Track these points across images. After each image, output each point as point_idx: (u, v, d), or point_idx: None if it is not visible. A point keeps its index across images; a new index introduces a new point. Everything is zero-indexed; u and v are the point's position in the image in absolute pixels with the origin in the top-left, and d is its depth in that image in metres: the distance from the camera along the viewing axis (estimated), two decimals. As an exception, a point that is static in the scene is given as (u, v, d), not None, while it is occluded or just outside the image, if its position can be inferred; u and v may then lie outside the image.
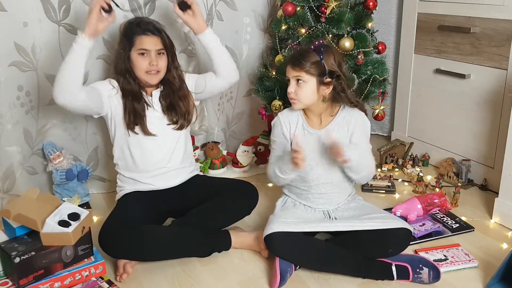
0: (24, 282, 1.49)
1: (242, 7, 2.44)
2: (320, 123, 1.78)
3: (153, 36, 1.78)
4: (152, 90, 1.89)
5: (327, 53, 1.67)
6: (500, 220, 2.02)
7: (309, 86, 1.68)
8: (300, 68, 1.66)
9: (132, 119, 1.81)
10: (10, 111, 2.00)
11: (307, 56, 1.67)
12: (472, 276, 1.67)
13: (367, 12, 2.19)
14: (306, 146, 1.66)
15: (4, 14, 1.88)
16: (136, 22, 1.80)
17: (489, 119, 2.28)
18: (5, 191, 2.07)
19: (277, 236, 1.62)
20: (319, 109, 1.75)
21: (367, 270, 1.62)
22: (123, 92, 1.82)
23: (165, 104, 1.88)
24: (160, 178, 1.90)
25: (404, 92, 2.74)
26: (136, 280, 1.67)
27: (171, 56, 1.87)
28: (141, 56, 1.78)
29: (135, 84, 1.83)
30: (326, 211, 1.81)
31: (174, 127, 1.89)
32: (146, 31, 1.77)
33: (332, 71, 1.68)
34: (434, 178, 2.44)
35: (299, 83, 1.68)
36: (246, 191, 1.94)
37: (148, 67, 1.79)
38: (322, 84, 1.68)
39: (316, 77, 1.67)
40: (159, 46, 1.80)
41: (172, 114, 1.89)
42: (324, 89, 1.69)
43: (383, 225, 1.63)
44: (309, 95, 1.69)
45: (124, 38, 1.80)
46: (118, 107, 1.82)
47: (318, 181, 1.78)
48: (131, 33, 1.78)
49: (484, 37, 2.23)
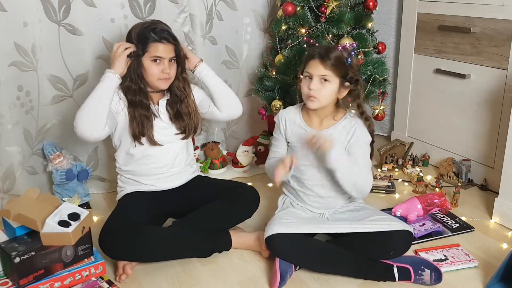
0: (24, 282, 1.49)
1: (242, 7, 2.44)
2: (320, 124, 1.77)
3: (168, 44, 1.74)
4: (159, 99, 1.86)
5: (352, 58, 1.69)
6: (500, 220, 2.02)
7: (332, 86, 1.67)
8: (329, 66, 1.65)
9: (140, 130, 1.78)
10: (10, 111, 1.99)
11: (335, 56, 1.66)
12: (472, 276, 1.67)
13: (367, 12, 2.19)
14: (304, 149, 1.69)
15: (4, 14, 1.88)
16: (151, 28, 1.73)
17: (489, 119, 2.28)
18: (5, 191, 2.07)
19: (278, 237, 1.62)
20: (325, 111, 1.75)
21: (368, 271, 1.62)
22: (129, 103, 1.78)
23: (172, 112, 1.86)
24: (163, 180, 1.90)
25: (404, 92, 2.74)
26: (136, 280, 1.67)
27: (182, 66, 1.84)
28: (154, 63, 1.74)
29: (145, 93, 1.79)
30: (322, 215, 1.80)
31: (182, 136, 1.88)
32: (162, 39, 1.72)
33: (353, 76, 1.69)
34: (434, 178, 2.44)
35: (324, 82, 1.67)
36: (248, 194, 1.93)
37: (160, 74, 1.75)
38: (342, 87, 1.69)
39: (340, 79, 1.67)
40: (172, 54, 1.76)
41: (179, 123, 1.87)
42: (342, 91, 1.70)
43: (384, 227, 1.62)
44: (330, 95, 1.69)
45: (138, 43, 1.73)
46: (124, 117, 1.79)
47: (312, 182, 1.78)
48: (145, 39, 1.73)
49: (484, 37, 2.23)
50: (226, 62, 2.52)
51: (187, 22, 2.25)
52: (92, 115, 1.65)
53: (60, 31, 2.02)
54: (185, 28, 2.25)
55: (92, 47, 2.09)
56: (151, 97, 1.85)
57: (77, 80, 2.12)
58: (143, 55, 1.74)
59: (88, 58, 2.10)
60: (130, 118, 1.78)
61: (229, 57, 2.51)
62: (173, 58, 1.78)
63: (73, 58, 2.08)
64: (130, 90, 1.77)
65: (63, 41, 2.03)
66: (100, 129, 1.66)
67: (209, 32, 2.38)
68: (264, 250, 1.75)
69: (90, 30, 2.05)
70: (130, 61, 1.74)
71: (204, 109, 1.94)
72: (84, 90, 2.12)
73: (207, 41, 2.39)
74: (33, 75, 2.03)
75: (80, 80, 2.12)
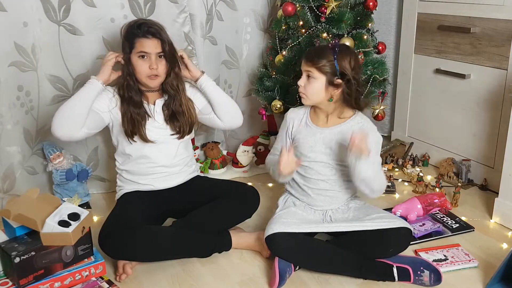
0: (24, 282, 1.49)
1: (242, 7, 2.44)
2: (326, 121, 1.77)
3: (153, 39, 1.75)
4: (156, 99, 1.86)
5: (342, 54, 1.66)
6: (500, 220, 2.02)
7: (317, 83, 1.67)
8: (312, 64, 1.66)
9: (131, 127, 1.79)
10: (10, 111, 1.99)
11: (322, 54, 1.66)
12: (472, 276, 1.67)
13: (367, 12, 2.19)
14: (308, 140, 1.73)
15: (4, 14, 1.88)
16: (136, 25, 1.76)
17: (489, 119, 2.28)
18: (5, 191, 2.07)
19: (278, 236, 1.62)
20: (327, 108, 1.75)
21: (368, 271, 1.62)
22: (122, 100, 1.80)
23: (167, 113, 1.86)
24: (160, 179, 1.90)
25: (404, 92, 2.74)
26: (136, 280, 1.67)
27: (171, 62, 1.81)
28: (141, 59, 1.75)
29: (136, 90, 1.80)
30: (325, 212, 1.81)
31: (177, 137, 1.88)
32: (147, 34, 1.74)
33: (344, 73, 1.66)
34: (434, 178, 2.44)
35: (309, 79, 1.69)
36: (248, 194, 1.93)
37: (148, 71, 1.75)
38: (332, 84, 1.67)
39: (326, 76, 1.67)
40: (159, 50, 1.76)
41: (174, 123, 1.87)
42: (333, 89, 1.68)
43: (383, 225, 1.63)
44: (316, 92, 1.69)
45: (125, 41, 1.77)
46: (118, 116, 1.81)
47: (317, 177, 1.78)
48: (131, 35, 1.75)
49: (484, 37, 2.23)
50: (226, 62, 2.52)
51: (187, 22, 2.25)
52: (66, 116, 1.70)
53: (60, 31, 2.02)
54: (185, 28, 2.25)
55: (92, 47, 2.09)
56: (147, 96, 1.86)
57: (77, 80, 2.11)
58: (130, 53, 1.76)
59: (88, 58, 2.10)
60: (121, 115, 1.80)
61: (229, 57, 2.51)
62: (160, 53, 1.77)
63: (73, 58, 2.08)
64: (122, 87, 1.80)
65: (63, 41, 2.03)
66: (73, 131, 1.72)
67: (209, 32, 2.38)
68: (264, 250, 1.75)
69: (90, 30, 2.05)
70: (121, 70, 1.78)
71: (205, 115, 1.94)
72: (84, 90, 2.13)
73: (207, 41, 2.39)
74: (33, 75, 2.03)
75: (80, 80, 2.11)
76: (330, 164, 1.75)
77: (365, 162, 1.59)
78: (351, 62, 1.68)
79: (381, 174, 1.73)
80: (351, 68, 1.68)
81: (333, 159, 1.75)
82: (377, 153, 1.74)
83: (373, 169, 1.65)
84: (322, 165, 1.76)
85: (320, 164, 1.76)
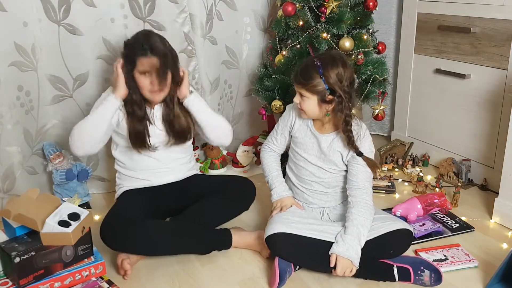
0: (24, 282, 1.49)
1: (242, 7, 2.44)
2: (323, 128, 1.76)
3: (153, 57, 1.70)
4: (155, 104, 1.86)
5: (328, 69, 1.59)
6: (500, 220, 2.02)
7: (311, 102, 1.65)
8: (302, 86, 1.64)
9: (136, 141, 1.80)
10: (10, 111, 1.99)
11: (308, 74, 1.61)
12: (472, 276, 1.67)
13: (367, 12, 2.19)
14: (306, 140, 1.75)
15: (4, 14, 1.88)
16: (136, 43, 1.73)
17: (489, 119, 2.28)
18: (5, 191, 2.07)
19: (278, 236, 1.62)
20: (323, 119, 1.73)
21: (369, 271, 1.62)
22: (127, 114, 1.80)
23: (165, 119, 1.85)
24: (157, 175, 1.91)
25: (404, 92, 2.74)
26: (136, 279, 1.67)
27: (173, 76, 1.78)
28: (143, 76, 1.74)
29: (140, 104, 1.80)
30: (322, 210, 1.81)
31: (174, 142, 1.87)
32: (146, 52, 1.70)
33: (334, 90, 1.61)
34: (434, 178, 2.44)
35: (303, 97, 1.66)
36: (243, 186, 1.95)
37: (150, 87, 1.75)
38: (324, 102, 1.63)
39: (318, 95, 1.62)
40: (158, 66, 1.72)
41: (172, 130, 1.85)
42: (327, 105, 1.64)
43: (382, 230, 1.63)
44: (312, 109, 1.66)
45: (126, 57, 1.75)
46: (122, 121, 1.81)
47: (311, 178, 1.78)
48: (132, 53, 1.73)
49: (484, 37, 2.23)
50: (226, 62, 2.52)
51: (187, 22, 2.25)
52: (87, 135, 1.74)
53: (60, 31, 2.02)
54: (185, 28, 2.25)
55: (92, 47, 2.09)
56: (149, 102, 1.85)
57: (77, 80, 2.11)
58: (133, 70, 1.74)
59: (88, 58, 2.10)
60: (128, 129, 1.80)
61: (229, 57, 2.51)
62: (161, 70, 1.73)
63: (73, 58, 2.07)
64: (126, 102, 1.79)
65: (63, 41, 2.03)
66: (94, 148, 1.77)
67: (209, 32, 2.38)
68: (264, 250, 1.75)
69: (90, 30, 2.05)
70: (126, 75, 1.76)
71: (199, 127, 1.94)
72: (84, 90, 2.13)
73: (207, 41, 2.39)
74: (33, 75, 2.03)
75: (80, 80, 2.12)
76: (324, 168, 1.75)
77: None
78: (340, 73, 1.60)
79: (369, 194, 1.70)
80: (340, 80, 1.60)
81: (326, 164, 1.75)
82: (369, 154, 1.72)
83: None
84: (316, 168, 1.76)
85: (314, 167, 1.76)
